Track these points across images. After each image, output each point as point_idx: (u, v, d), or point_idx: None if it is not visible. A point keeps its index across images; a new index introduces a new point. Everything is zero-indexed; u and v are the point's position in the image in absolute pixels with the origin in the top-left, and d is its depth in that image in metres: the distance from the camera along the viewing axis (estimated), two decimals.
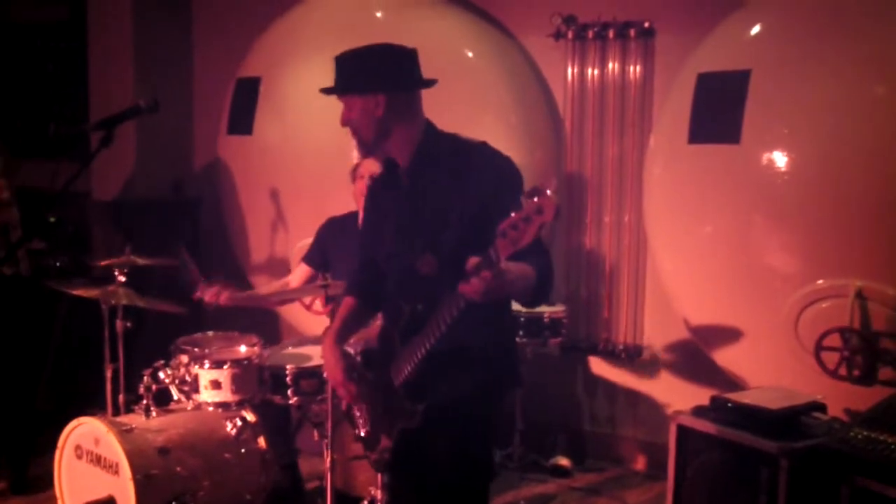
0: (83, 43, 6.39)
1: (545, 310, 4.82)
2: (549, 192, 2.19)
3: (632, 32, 4.92)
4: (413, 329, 2.72)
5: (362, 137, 2.82)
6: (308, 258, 4.54)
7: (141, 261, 4.41)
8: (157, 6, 6.22)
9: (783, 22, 4.25)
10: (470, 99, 4.94)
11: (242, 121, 5.37)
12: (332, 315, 4.09)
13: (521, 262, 2.46)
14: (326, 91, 2.84)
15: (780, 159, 3.98)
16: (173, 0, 6.34)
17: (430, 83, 2.92)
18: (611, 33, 4.97)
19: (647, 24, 4.89)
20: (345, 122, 2.83)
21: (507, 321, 3.01)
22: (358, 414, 3.03)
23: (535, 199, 2.19)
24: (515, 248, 2.26)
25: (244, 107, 5.36)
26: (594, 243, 5.18)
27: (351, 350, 3.14)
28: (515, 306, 4.75)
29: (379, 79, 2.79)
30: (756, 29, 4.31)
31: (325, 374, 3.03)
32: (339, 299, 3.94)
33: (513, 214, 2.23)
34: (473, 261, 2.33)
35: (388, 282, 2.94)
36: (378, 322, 3.09)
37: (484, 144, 2.87)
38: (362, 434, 3.03)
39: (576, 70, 5.12)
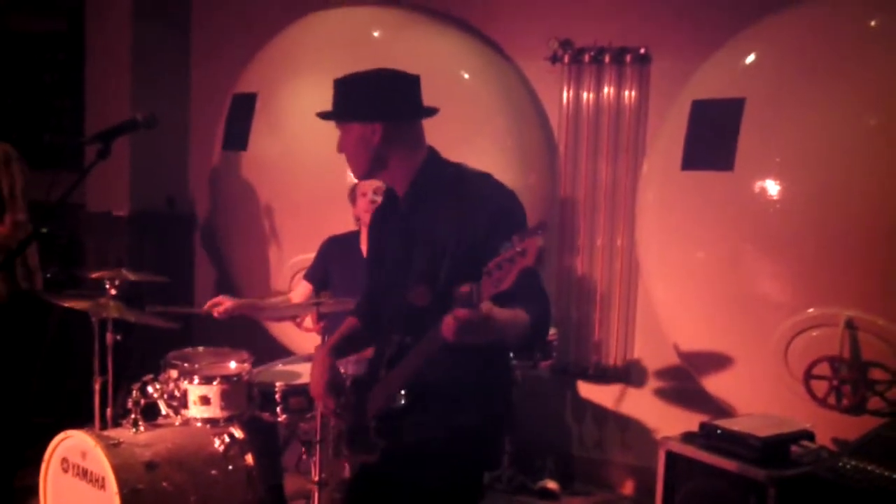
0: (80, 55, 6.40)
1: None
2: (536, 236, 2.12)
3: (628, 58, 4.96)
4: (398, 359, 2.63)
5: (357, 165, 2.75)
6: (309, 275, 4.55)
7: (132, 276, 4.41)
8: (156, 20, 6.23)
9: (778, 51, 4.28)
10: (465, 121, 4.94)
11: (238, 136, 5.38)
12: (322, 333, 4.09)
13: (516, 307, 2.40)
14: (323, 116, 2.78)
15: (772, 188, 4.01)
16: (172, 15, 6.35)
17: (431, 112, 2.83)
18: (607, 58, 5.01)
19: (643, 50, 4.93)
20: (341, 149, 2.76)
21: (499, 366, 2.81)
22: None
23: (522, 241, 2.13)
24: (498, 290, 2.17)
25: (240, 122, 5.37)
26: (586, 267, 5.19)
27: (349, 369, 3.11)
28: None
29: (377, 106, 2.70)
30: (751, 58, 4.35)
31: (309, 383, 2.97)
32: (333, 317, 3.97)
33: (500, 253, 2.16)
34: (458, 294, 2.24)
35: (385, 311, 2.86)
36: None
37: (487, 176, 2.78)
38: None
39: (571, 94, 5.14)
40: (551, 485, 5.05)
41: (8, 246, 4.54)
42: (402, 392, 2.60)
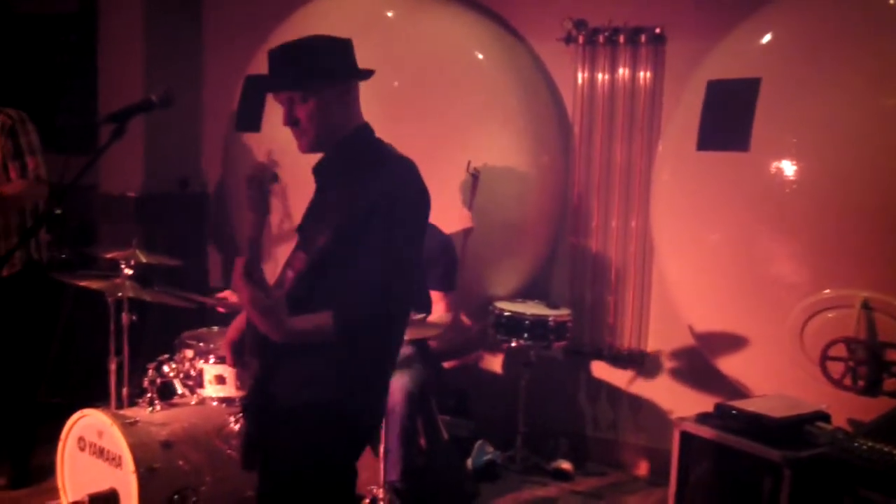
0: (92, 36, 6.40)
1: (550, 313, 4.83)
2: None
3: (643, 38, 4.93)
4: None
5: (306, 137, 2.62)
6: None
7: (146, 257, 4.42)
8: (169, 1, 6.23)
9: (794, 31, 4.26)
10: (478, 101, 4.94)
11: (251, 118, 5.37)
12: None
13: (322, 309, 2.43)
14: (283, 87, 2.61)
15: (788, 168, 3.99)
16: None
17: (367, 74, 2.72)
18: (621, 38, 4.98)
19: (658, 30, 4.90)
20: (290, 120, 2.61)
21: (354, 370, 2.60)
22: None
23: None
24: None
25: (253, 104, 5.36)
26: (600, 248, 5.19)
27: None
28: (502, 304, 4.84)
29: (324, 72, 2.58)
30: (767, 37, 4.32)
31: None
32: None
33: None
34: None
35: None
36: None
37: (400, 160, 2.66)
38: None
39: (586, 75, 5.12)
40: (565, 465, 5.05)
41: (22, 201, 4.56)
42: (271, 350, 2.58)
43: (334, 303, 2.44)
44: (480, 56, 5.10)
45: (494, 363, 5.48)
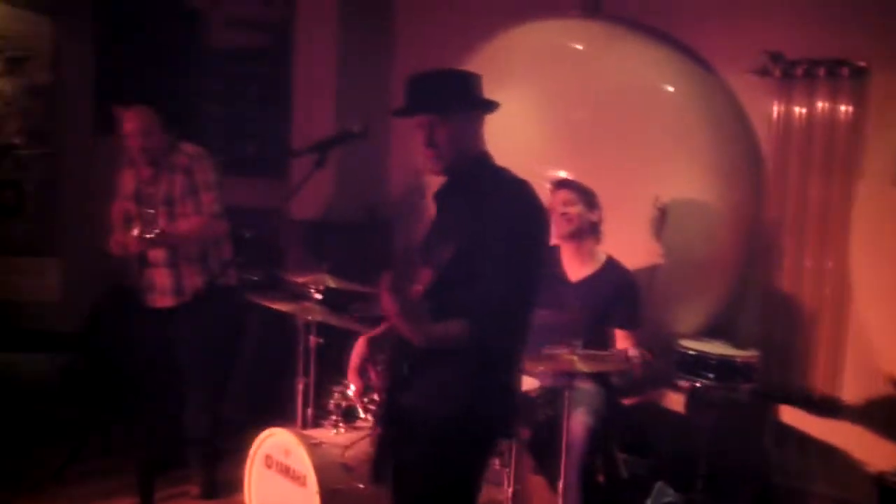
0: (286, 68, 6.66)
1: (738, 354, 4.66)
2: None
3: (844, 71, 4.72)
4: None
5: (442, 161, 2.80)
6: None
7: (334, 282, 4.53)
8: (361, 34, 6.41)
9: None
10: (667, 134, 4.85)
11: None
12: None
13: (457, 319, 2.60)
14: (438, 109, 2.79)
15: None
16: (376, 27, 6.52)
17: (496, 106, 2.91)
18: (821, 71, 4.78)
19: (861, 63, 4.68)
20: (432, 142, 2.79)
21: (498, 365, 2.85)
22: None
23: None
24: None
25: None
26: (793, 288, 4.97)
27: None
28: (686, 343, 4.70)
29: (478, 100, 2.86)
30: None
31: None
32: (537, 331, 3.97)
33: None
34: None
35: None
36: None
37: (521, 182, 2.83)
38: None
39: (781, 108, 4.94)
40: None
41: (204, 237, 4.74)
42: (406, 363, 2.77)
43: (468, 312, 2.63)
44: (671, 89, 5.01)
45: (676, 402, 5.34)
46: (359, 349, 3.05)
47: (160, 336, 4.71)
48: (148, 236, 4.55)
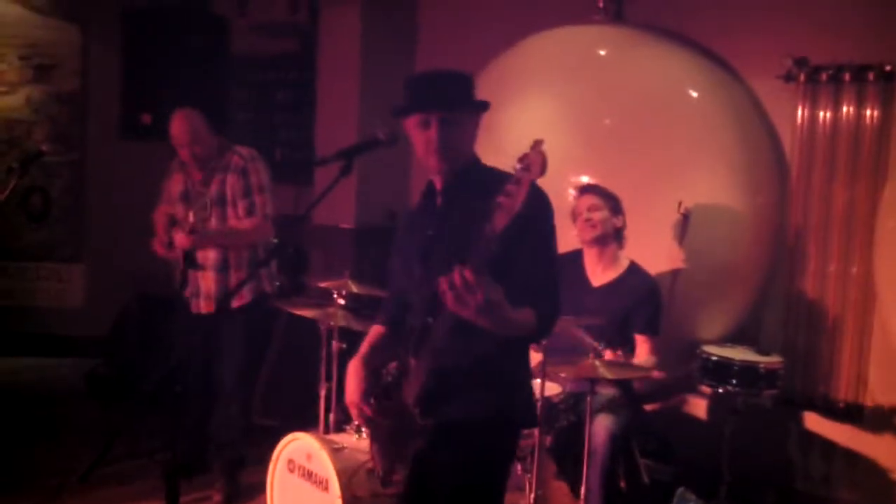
0: (312, 74, 6.70)
1: (761, 360, 4.64)
2: (535, 149, 2.24)
3: (870, 76, 4.69)
4: (423, 343, 2.70)
5: (449, 159, 2.80)
6: None
7: (356, 287, 4.54)
8: (384, 41, 6.44)
9: None
10: (691, 139, 4.84)
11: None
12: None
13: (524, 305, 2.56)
14: (441, 106, 2.78)
15: None
16: (399, 34, 6.55)
17: (486, 107, 2.87)
18: (846, 76, 4.76)
19: (888, 68, 4.65)
20: (442, 140, 2.77)
21: (518, 352, 2.89)
22: (376, 448, 3.02)
23: (522, 161, 2.25)
24: (510, 216, 2.27)
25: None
26: (816, 294, 4.95)
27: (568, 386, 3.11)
28: (709, 349, 4.67)
29: (476, 100, 2.84)
30: None
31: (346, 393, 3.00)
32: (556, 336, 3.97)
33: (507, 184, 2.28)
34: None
35: (412, 306, 2.91)
36: None
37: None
38: (378, 471, 3.00)
39: (806, 113, 4.92)
40: None
41: (251, 238, 4.75)
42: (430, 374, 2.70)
43: (532, 302, 2.61)
44: (694, 94, 5.00)
45: (699, 408, 5.32)
46: (357, 375, 2.95)
47: (201, 341, 4.70)
48: (200, 230, 4.56)
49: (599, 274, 4.48)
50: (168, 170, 4.90)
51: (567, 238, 4.43)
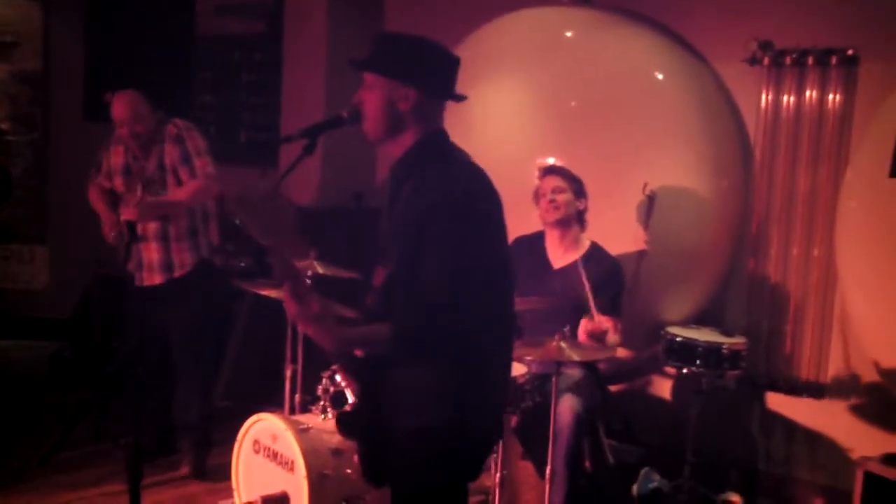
0: (278, 55, 6.65)
1: (725, 340, 4.68)
2: None
3: (833, 60, 4.73)
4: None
5: (376, 127, 2.64)
6: None
7: (322, 269, 4.53)
8: (351, 22, 6.40)
9: None
10: (657, 122, 4.85)
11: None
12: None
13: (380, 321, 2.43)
14: (360, 63, 2.65)
15: None
16: (366, 16, 6.51)
17: (461, 98, 2.70)
18: (810, 60, 4.80)
19: (850, 52, 4.69)
20: (358, 100, 2.64)
21: (442, 371, 2.53)
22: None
23: None
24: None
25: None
26: (779, 276, 5.00)
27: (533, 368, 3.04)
28: (674, 329, 4.70)
29: (419, 72, 2.58)
30: None
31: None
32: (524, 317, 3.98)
33: None
34: None
35: None
36: None
37: (451, 166, 2.62)
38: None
39: (770, 97, 4.96)
40: (734, 498, 4.87)
41: (201, 198, 4.76)
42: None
43: (393, 314, 2.45)
44: (660, 76, 5.02)
45: (663, 389, 5.36)
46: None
47: (150, 315, 4.72)
48: (148, 199, 4.56)
49: (561, 256, 4.48)
50: (107, 142, 4.90)
51: (529, 219, 4.45)
